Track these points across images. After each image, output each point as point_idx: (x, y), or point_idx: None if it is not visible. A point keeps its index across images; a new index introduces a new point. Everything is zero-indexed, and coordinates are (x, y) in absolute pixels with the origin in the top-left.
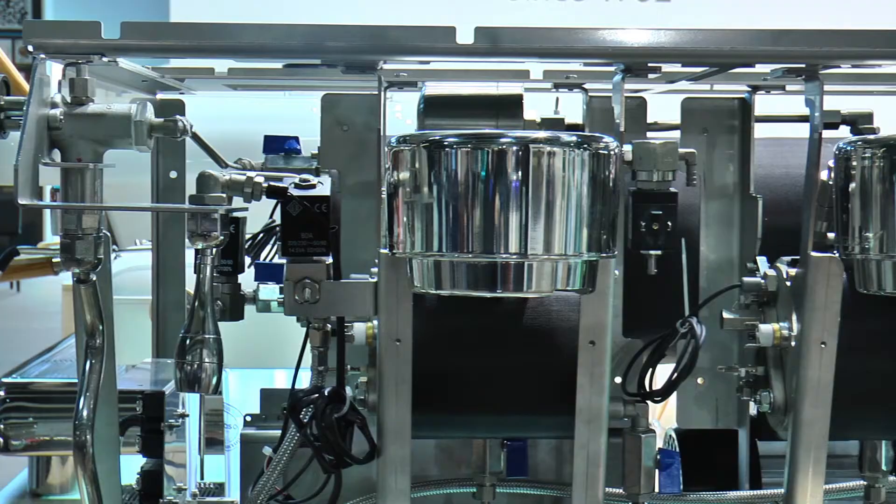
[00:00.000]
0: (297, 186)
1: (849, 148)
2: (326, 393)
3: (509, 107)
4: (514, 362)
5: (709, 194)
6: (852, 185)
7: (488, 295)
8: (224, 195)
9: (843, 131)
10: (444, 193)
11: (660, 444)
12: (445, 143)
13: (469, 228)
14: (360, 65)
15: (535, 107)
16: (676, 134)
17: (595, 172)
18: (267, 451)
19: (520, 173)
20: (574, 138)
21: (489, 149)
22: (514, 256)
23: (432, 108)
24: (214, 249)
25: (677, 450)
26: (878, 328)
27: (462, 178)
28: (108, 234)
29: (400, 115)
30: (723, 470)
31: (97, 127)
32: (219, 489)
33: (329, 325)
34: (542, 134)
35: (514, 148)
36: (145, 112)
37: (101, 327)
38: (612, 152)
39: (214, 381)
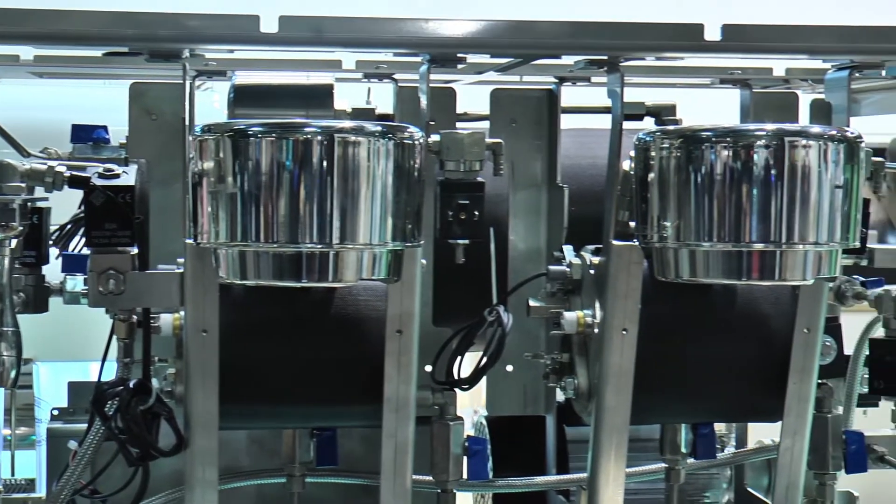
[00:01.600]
0: (100, 176)
1: (647, 138)
2: (132, 385)
3: (319, 97)
4: (321, 352)
5: (517, 184)
6: (651, 175)
7: (293, 285)
8: (24, 185)
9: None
10: (249, 183)
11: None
12: (249, 133)
13: (274, 218)
14: (163, 53)
15: (354, 97)
16: (486, 124)
17: (400, 162)
18: (72, 444)
19: (324, 163)
20: (379, 128)
21: (293, 138)
22: (319, 246)
23: (242, 97)
24: (14, 240)
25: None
26: (677, 315)
27: (266, 168)
28: None
29: (218, 104)
30: (531, 455)
31: None
32: (30, 485)
33: (135, 317)
34: (346, 124)
35: (319, 138)
36: None
37: None
38: (416, 142)
39: (13, 374)
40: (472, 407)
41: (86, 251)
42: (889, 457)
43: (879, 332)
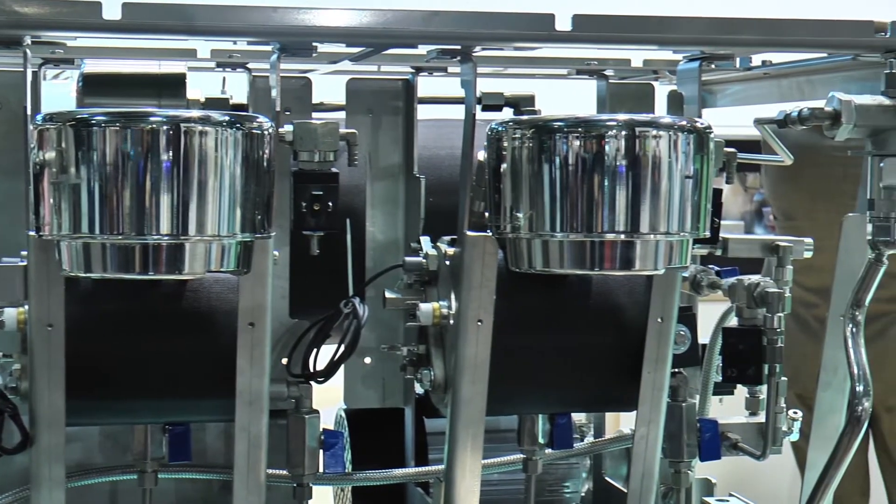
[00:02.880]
0: None
1: (500, 129)
2: None
3: (172, 86)
4: (172, 346)
5: (374, 175)
6: (503, 166)
7: (140, 278)
8: None
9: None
10: (93, 174)
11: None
12: (92, 122)
13: (118, 209)
14: (4, 40)
15: (216, 87)
16: (344, 114)
17: (248, 152)
18: None
19: (170, 153)
20: (226, 118)
21: (138, 128)
22: (166, 238)
23: (91, 86)
24: None
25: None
26: (532, 305)
27: (111, 158)
28: None
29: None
30: (390, 448)
31: None
32: None
33: None
34: (193, 113)
35: (165, 127)
36: None
37: None
38: (266, 132)
39: None
40: None
41: None
42: (742, 444)
43: (734, 321)
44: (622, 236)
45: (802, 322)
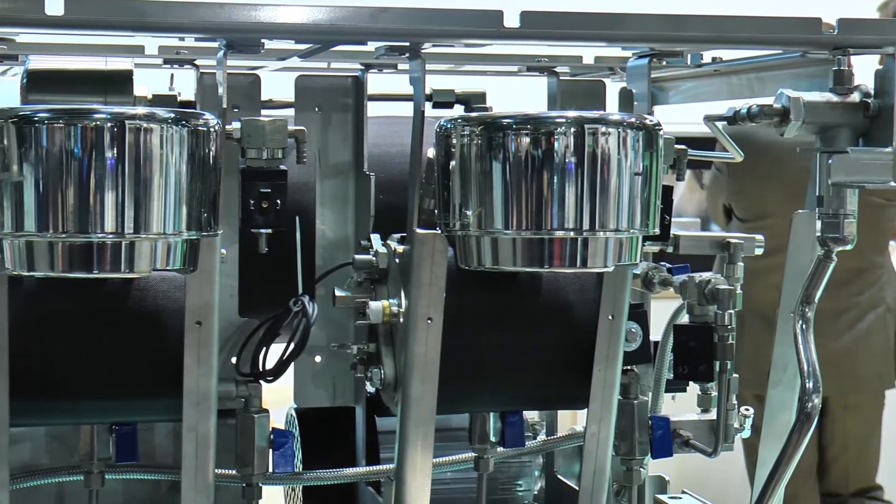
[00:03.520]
0: None
1: (449, 125)
2: None
3: (118, 83)
4: (118, 345)
5: (324, 172)
6: (452, 163)
7: (84, 276)
8: None
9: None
10: (36, 171)
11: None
12: (35, 119)
13: (62, 207)
14: None
15: (166, 83)
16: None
17: (194, 150)
18: None
19: (115, 150)
20: (172, 115)
21: (81, 125)
22: (111, 236)
23: (36, 83)
24: None
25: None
26: (481, 303)
27: (54, 156)
28: None
29: None
30: (341, 447)
31: None
32: None
33: None
34: (138, 110)
35: (109, 124)
36: None
37: None
38: (212, 129)
39: None
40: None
41: None
42: (694, 441)
43: (686, 319)
44: (571, 233)
45: (773, 323)
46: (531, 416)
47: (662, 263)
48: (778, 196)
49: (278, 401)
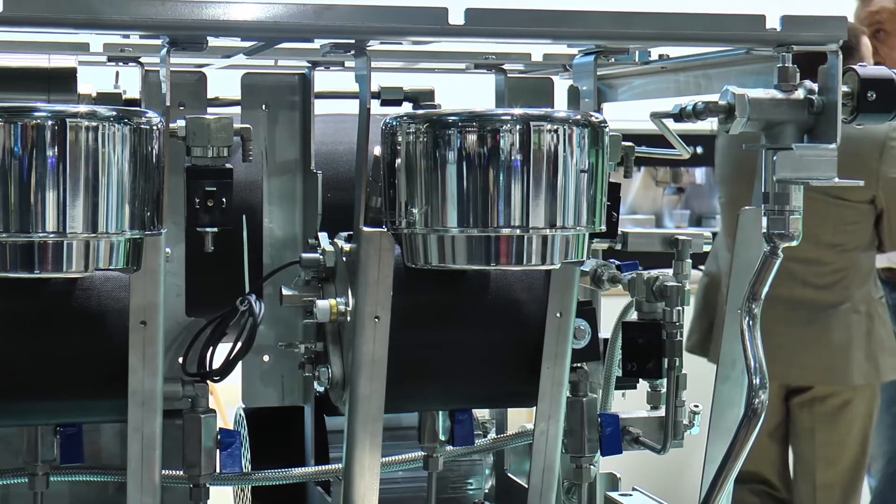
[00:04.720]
0: None
1: (394, 123)
2: None
3: (62, 80)
4: (62, 345)
5: (271, 170)
6: (398, 161)
7: (25, 276)
8: None
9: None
10: None
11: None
12: None
13: (3, 206)
14: None
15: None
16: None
17: (136, 148)
18: None
19: (55, 149)
20: (114, 113)
21: (21, 123)
22: (52, 235)
23: None
24: None
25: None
26: (429, 301)
27: None
28: None
29: None
30: (290, 447)
31: None
32: None
33: None
34: (79, 108)
35: (50, 122)
36: None
37: None
38: (155, 127)
39: None
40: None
41: None
42: (644, 438)
43: (634, 316)
44: (517, 231)
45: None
46: (481, 414)
47: (612, 261)
48: None
49: (232, 401)
